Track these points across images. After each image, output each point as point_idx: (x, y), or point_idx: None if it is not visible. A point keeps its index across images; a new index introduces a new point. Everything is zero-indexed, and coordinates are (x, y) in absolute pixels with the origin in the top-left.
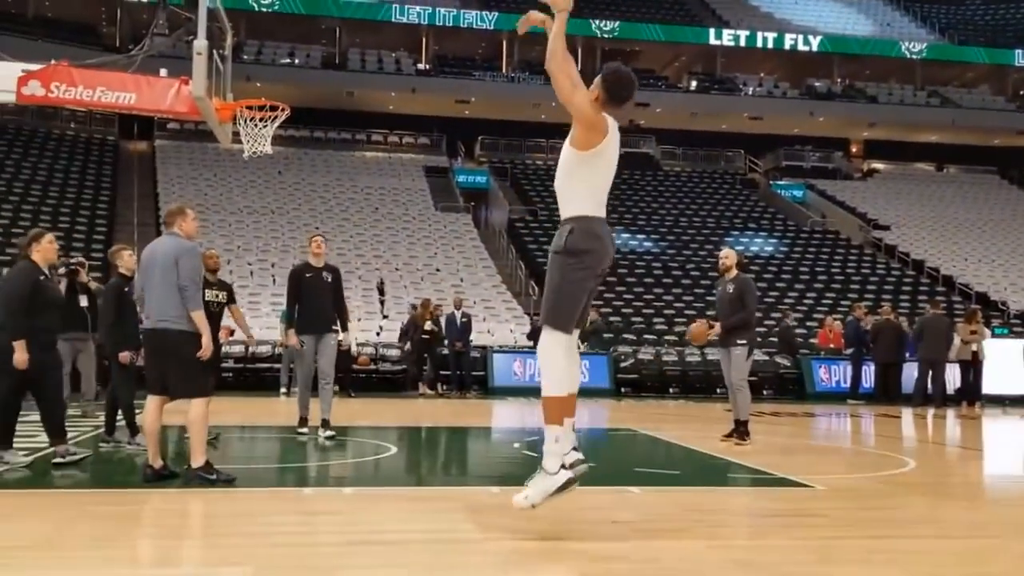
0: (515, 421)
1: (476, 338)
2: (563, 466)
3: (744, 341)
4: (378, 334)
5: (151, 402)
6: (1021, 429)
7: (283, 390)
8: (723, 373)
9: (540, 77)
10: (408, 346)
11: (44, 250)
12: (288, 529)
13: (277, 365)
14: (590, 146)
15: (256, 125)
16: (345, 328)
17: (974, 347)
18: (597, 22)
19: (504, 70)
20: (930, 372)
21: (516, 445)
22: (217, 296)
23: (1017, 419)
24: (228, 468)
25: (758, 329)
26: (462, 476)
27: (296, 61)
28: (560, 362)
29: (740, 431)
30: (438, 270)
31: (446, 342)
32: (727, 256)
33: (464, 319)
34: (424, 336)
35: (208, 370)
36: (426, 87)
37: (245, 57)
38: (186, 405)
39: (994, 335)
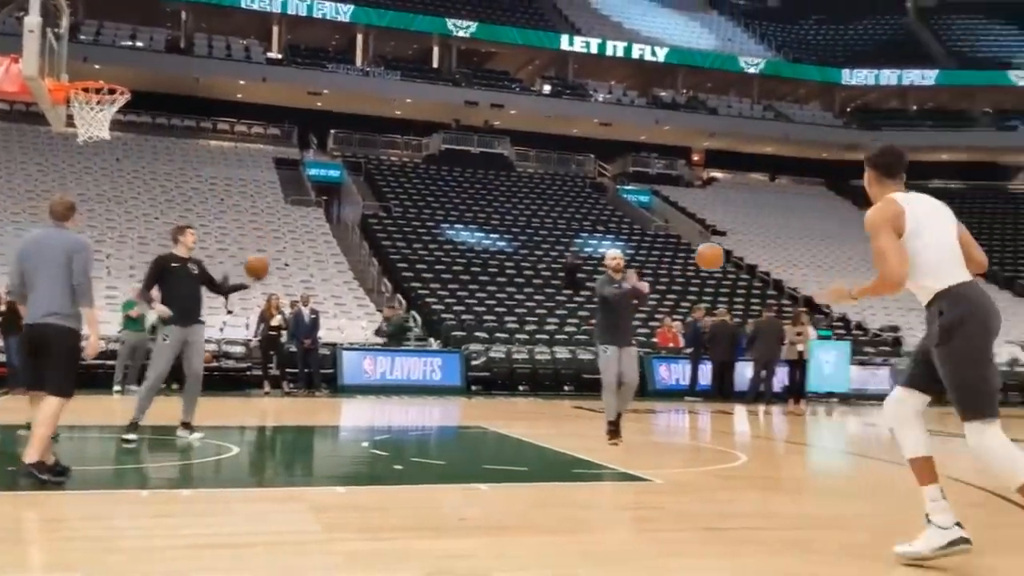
0: (364, 420)
1: (326, 335)
2: (957, 523)
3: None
4: (221, 330)
5: (31, 400)
6: (842, 425)
7: (116, 387)
8: (607, 375)
9: (396, 72)
10: (256, 341)
11: None
12: (124, 533)
13: (111, 361)
14: (902, 232)
15: (93, 109)
16: (201, 307)
17: (800, 347)
18: (454, 21)
19: (359, 63)
20: (765, 370)
21: (364, 444)
22: None
23: (839, 416)
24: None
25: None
26: (308, 476)
27: (138, 44)
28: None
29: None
30: (287, 265)
31: (294, 338)
32: (619, 257)
33: (313, 315)
34: (271, 332)
35: (75, 372)
36: (277, 77)
37: (83, 37)
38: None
39: (819, 337)
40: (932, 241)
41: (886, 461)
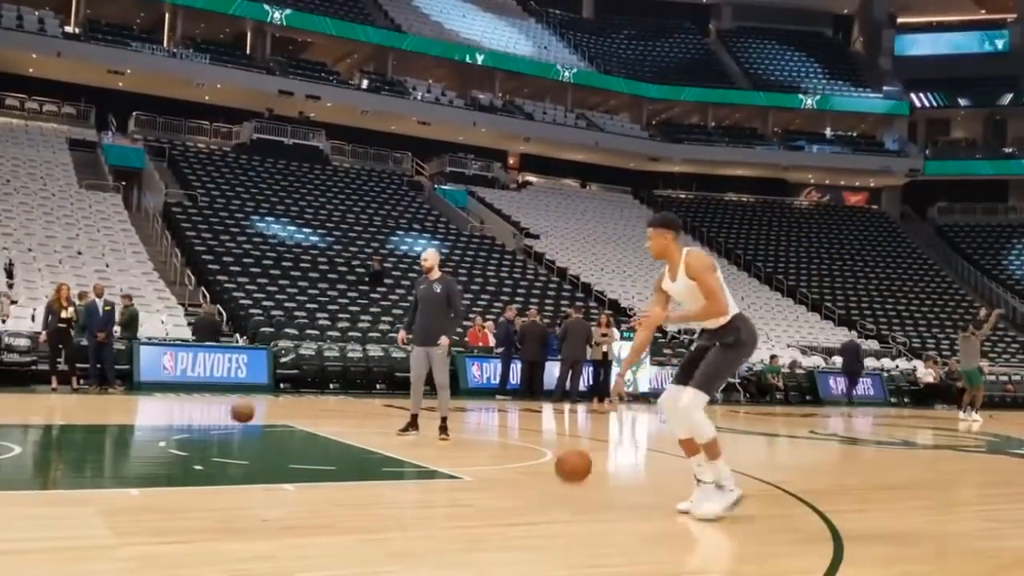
0: (162, 419)
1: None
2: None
3: (446, 341)
4: (3, 321)
5: None
6: (641, 422)
7: None
8: (412, 370)
9: (204, 55)
10: (44, 335)
11: None
12: None
13: None
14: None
15: None
16: None
17: (605, 348)
18: (270, 6)
19: (166, 44)
20: (572, 369)
21: (162, 444)
22: None
23: (639, 414)
24: None
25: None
26: (98, 477)
27: None
28: (701, 415)
29: (446, 427)
30: (80, 253)
31: (86, 332)
32: (429, 257)
33: (107, 307)
34: (60, 324)
35: None
36: (74, 52)
37: None
38: None
39: (623, 338)
40: (722, 282)
41: (675, 455)
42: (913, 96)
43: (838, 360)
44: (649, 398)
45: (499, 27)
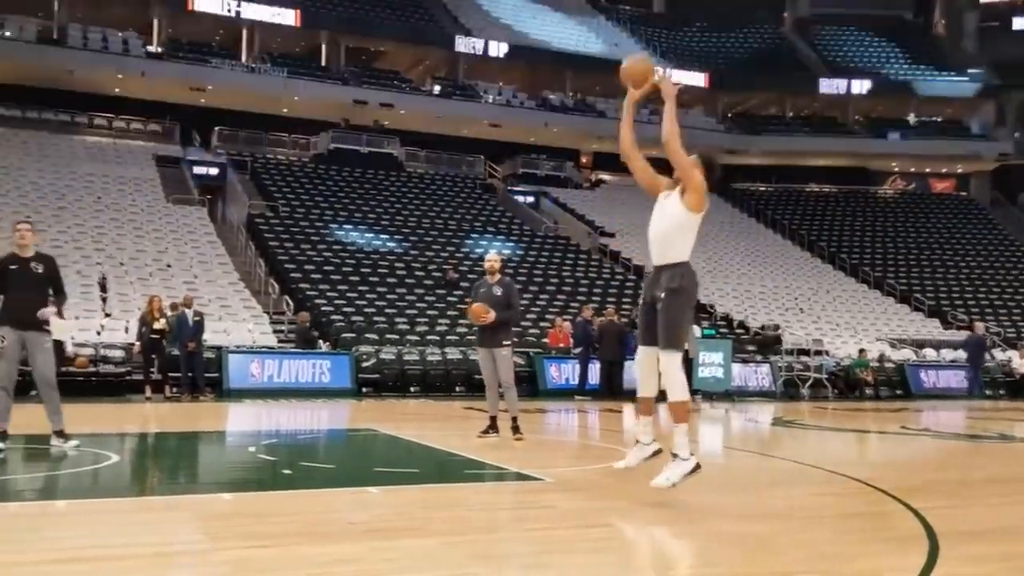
0: (251, 425)
1: (212, 338)
2: (691, 454)
3: (509, 342)
4: (99, 333)
5: None
6: (725, 422)
7: None
8: (483, 373)
9: (282, 69)
10: (137, 346)
11: None
12: None
13: None
14: (701, 209)
15: None
16: (56, 306)
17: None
18: (338, 11)
19: (244, 59)
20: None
21: (251, 449)
22: None
23: (722, 412)
24: None
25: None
26: (191, 484)
27: (7, 33)
28: (681, 374)
29: (517, 427)
30: (169, 266)
31: (177, 342)
32: (496, 259)
33: (197, 318)
34: (153, 335)
35: None
36: (157, 71)
37: None
38: None
39: (703, 336)
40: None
41: (765, 455)
42: (1000, 78)
43: (959, 354)
44: (733, 396)
45: (569, 26)
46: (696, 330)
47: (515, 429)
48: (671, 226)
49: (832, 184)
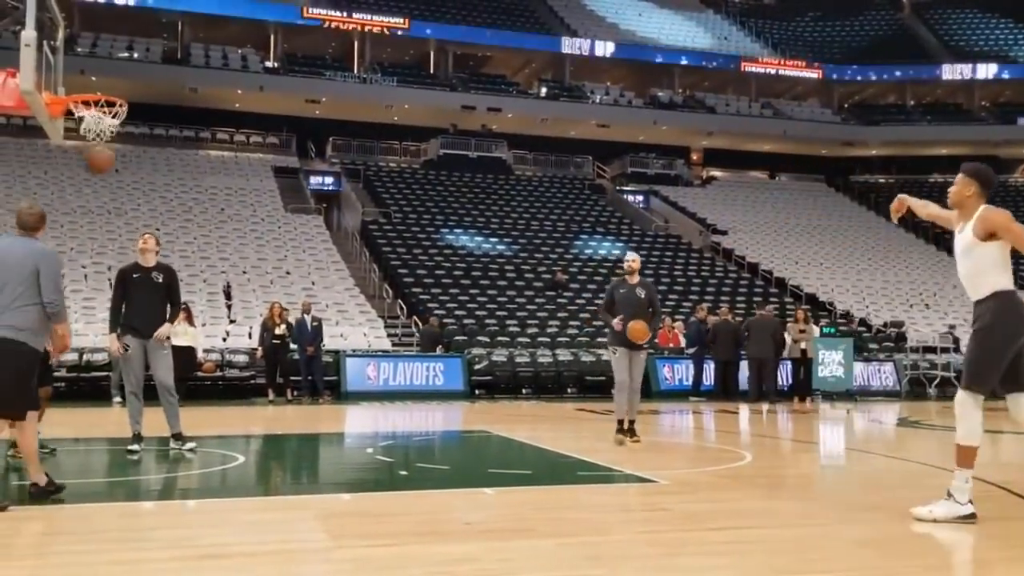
0: (368, 426)
1: (329, 342)
2: (970, 501)
3: (658, 342)
4: (224, 339)
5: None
6: (847, 423)
7: (116, 399)
8: (619, 374)
9: (392, 78)
10: (260, 351)
11: None
12: (126, 546)
13: (111, 373)
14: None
15: (97, 121)
16: (166, 320)
17: (803, 345)
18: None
19: (355, 70)
20: (759, 369)
21: (369, 451)
22: None
23: (844, 413)
24: (64, 482)
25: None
26: (312, 484)
27: (135, 55)
28: (972, 418)
29: (635, 429)
30: (288, 273)
31: (296, 347)
32: (636, 260)
33: (315, 323)
34: (275, 340)
35: (30, 389)
36: (274, 85)
37: (79, 50)
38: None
39: (823, 334)
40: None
41: (890, 457)
42: None
43: None
44: (855, 396)
45: (676, 21)
46: (815, 329)
47: (632, 431)
48: (971, 261)
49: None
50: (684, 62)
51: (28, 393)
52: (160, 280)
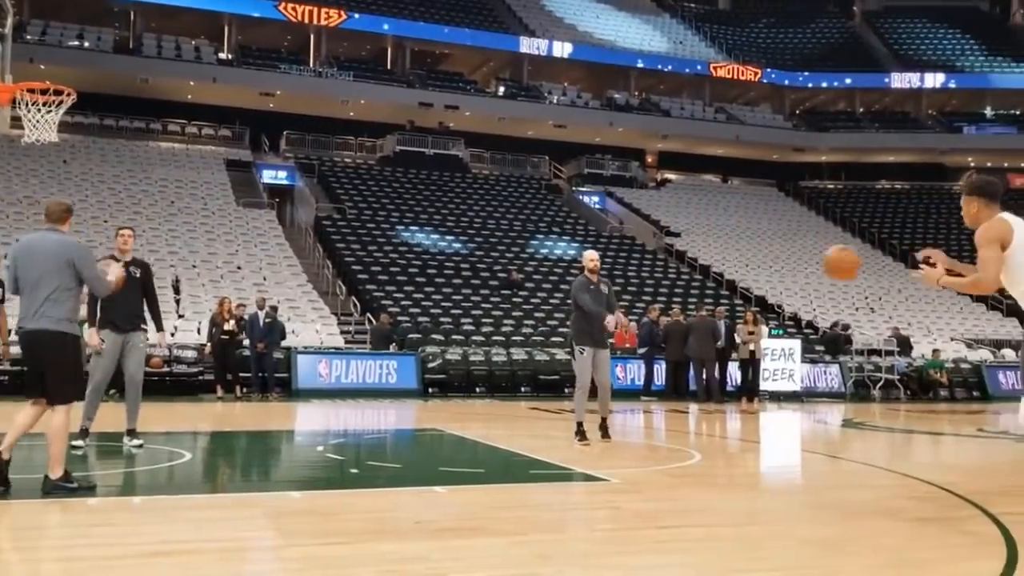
0: (319, 424)
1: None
2: None
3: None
4: (172, 335)
5: (35, 407)
6: (795, 423)
7: None
8: (582, 375)
9: (348, 73)
10: (209, 347)
11: None
12: (70, 543)
13: None
14: (1008, 245)
15: (40, 111)
16: (160, 326)
17: (752, 346)
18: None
19: (312, 64)
20: (702, 368)
21: (320, 449)
22: None
23: (791, 413)
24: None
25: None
26: (262, 481)
27: (86, 44)
28: None
29: (607, 428)
30: (239, 268)
31: (247, 343)
32: (596, 258)
33: (268, 319)
34: (224, 336)
35: (81, 375)
36: (228, 77)
37: (28, 37)
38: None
39: (771, 335)
40: (1009, 254)
41: (835, 457)
42: None
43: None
44: (801, 397)
45: (633, 24)
46: (764, 330)
47: (604, 430)
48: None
49: (905, 180)
50: (640, 65)
51: (79, 380)
52: (137, 275)
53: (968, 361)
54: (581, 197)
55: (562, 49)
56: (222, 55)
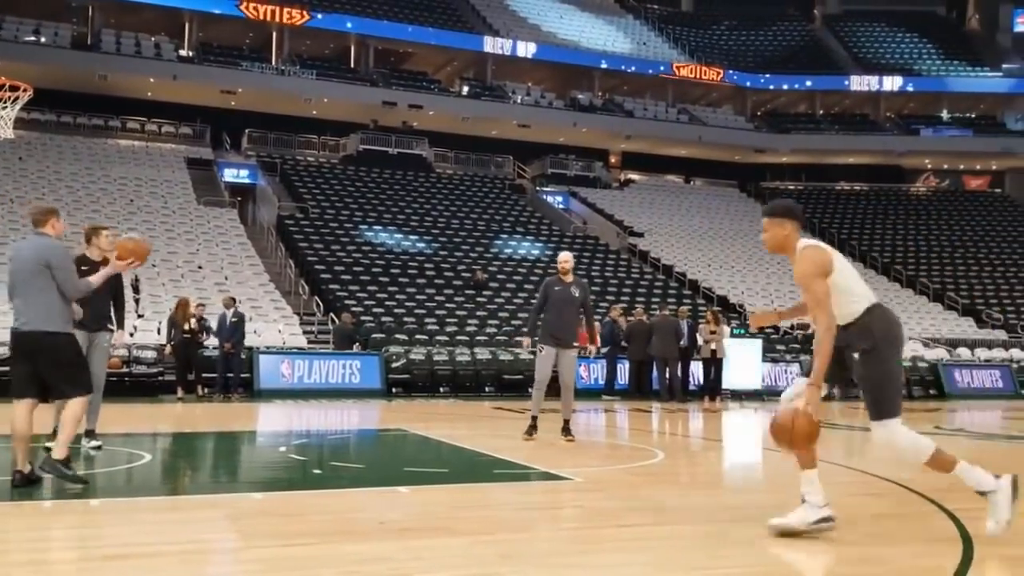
0: (282, 425)
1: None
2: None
3: (577, 343)
4: (131, 335)
5: (22, 406)
6: (756, 421)
7: None
8: (540, 372)
9: (311, 72)
10: (169, 348)
11: None
12: (25, 546)
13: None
14: (831, 272)
15: None
16: (121, 325)
17: (713, 345)
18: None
19: (274, 62)
20: (665, 367)
21: (282, 449)
22: None
23: (752, 412)
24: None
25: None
26: (224, 483)
27: (42, 39)
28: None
29: (569, 428)
30: (200, 267)
31: (211, 343)
32: (569, 260)
33: (235, 319)
34: (185, 336)
35: (85, 366)
36: (188, 75)
37: None
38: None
39: (733, 335)
40: (849, 272)
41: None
42: None
43: (994, 354)
44: (763, 396)
45: (597, 25)
46: (726, 329)
47: (567, 430)
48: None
49: (863, 182)
50: (604, 66)
51: (84, 371)
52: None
53: (925, 360)
54: (545, 197)
55: (526, 49)
56: (182, 52)
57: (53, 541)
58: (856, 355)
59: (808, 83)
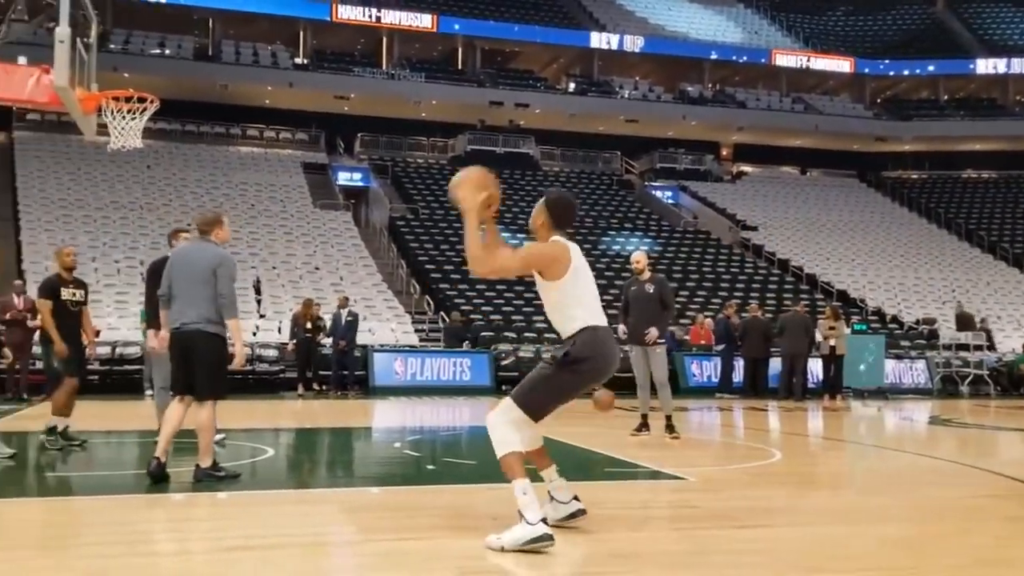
0: (396, 421)
1: (358, 337)
2: (543, 520)
3: (664, 340)
4: (254, 334)
5: (178, 402)
6: (878, 420)
7: (149, 392)
8: (635, 371)
9: (420, 74)
10: (291, 346)
11: None
12: (156, 537)
13: (143, 367)
14: (560, 276)
15: (124, 118)
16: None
17: (833, 342)
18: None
19: (384, 66)
20: (792, 365)
21: (397, 445)
22: (74, 295)
23: (875, 411)
24: (94, 474)
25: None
26: (341, 477)
27: (167, 52)
28: (507, 428)
29: (672, 425)
30: (317, 268)
31: (327, 341)
32: (641, 259)
33: (349, 318)
34: (307, 335)
35: (226, 374)
36: (303, 82)
37: (112, 46)
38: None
39: (853, 331)
40: (587, 284)
41: (921, 455)
42: None
43: None
44: (886, 394)
45: (706, 16)
46: (845, 326)
47: (670, 428)
48: (547, 306)
49: (992, 170)
50: (714, 56)
51: (224, 378)
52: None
53: None
54: (654, 192)
55: (633, 43)
56: (298, 60)
57: (184, 532)
58: (550, 364)
59: (931, 68)
